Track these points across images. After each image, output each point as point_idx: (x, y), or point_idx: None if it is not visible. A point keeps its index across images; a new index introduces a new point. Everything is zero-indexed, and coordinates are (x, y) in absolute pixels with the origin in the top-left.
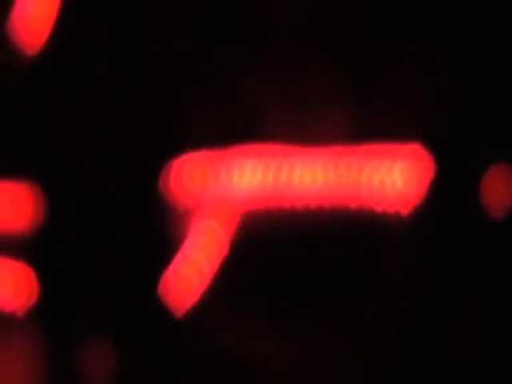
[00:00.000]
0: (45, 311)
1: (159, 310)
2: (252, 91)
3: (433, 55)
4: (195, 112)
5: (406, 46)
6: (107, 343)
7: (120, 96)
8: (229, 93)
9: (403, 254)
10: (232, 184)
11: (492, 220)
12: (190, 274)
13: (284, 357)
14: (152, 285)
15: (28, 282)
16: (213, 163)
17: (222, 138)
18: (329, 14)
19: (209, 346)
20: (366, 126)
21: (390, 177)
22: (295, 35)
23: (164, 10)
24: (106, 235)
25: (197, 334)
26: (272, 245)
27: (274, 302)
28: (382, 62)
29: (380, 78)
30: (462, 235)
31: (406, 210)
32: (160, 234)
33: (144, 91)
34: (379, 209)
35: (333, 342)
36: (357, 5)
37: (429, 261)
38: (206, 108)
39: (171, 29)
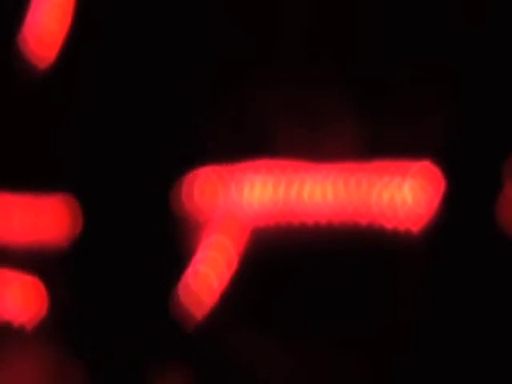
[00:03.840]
0: (54, 325)
1: (170, 324)
2: (263, 107)
3: (442, 73)
4: (206, 127)
5: (417, 65)
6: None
7: (132, 110)
8: (240, 109)
9: (413, 271)
10: (242, 199)
11: (506, 238)
12: (199, 288)
13: (293, 372)
14: (163, 299)
15: (38, 295)
16: (224, 178)
17: (233, 153)
18: (339, 32)
19: (218, 360)
20: (377, 143)
21: (400, 194)
22: (306, 52)
23: (177, 25)
24: (122, 249)
25: (206, 347)
26: (281, 260)
27: (283, 317)
28: (392, 79)
29: (391, 96)
30: (474, 253)
31: (416, 227)
32: (172, 248)
33: (156, 107)
34: (389, 226)
35: (342, 357)
36: (368, 26)
37: (439, 278)
38: (217, 123)
39: (184, 44)
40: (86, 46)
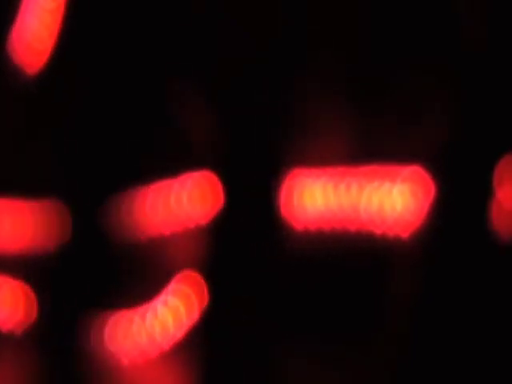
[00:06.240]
0: (43, 330)
1: None
2: (261, 108)
3: (434, 79)
4: (204, 130)
5: (408, 70)
6: None
7: (120, 117)
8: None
9: (403, 277)
10: None
11: (498, 244)
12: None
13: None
14: None
15: (27, 301)
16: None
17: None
18: (339, 32)
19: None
20: (367, 148)
21: (389, 199)
22: (297, 56)
23: (175, 26)
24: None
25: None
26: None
27: (272, 322)
28: (383, 84)
29: (381, 100)
30: (464, 259)
31: (405, 233)
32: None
33: (149, 114)
34: (378, 231)
35: (333, 369)
36: (362, 29)
37: (430, 284)
38: (213, 124)
39: (183, 45)
40: (77, 51)
